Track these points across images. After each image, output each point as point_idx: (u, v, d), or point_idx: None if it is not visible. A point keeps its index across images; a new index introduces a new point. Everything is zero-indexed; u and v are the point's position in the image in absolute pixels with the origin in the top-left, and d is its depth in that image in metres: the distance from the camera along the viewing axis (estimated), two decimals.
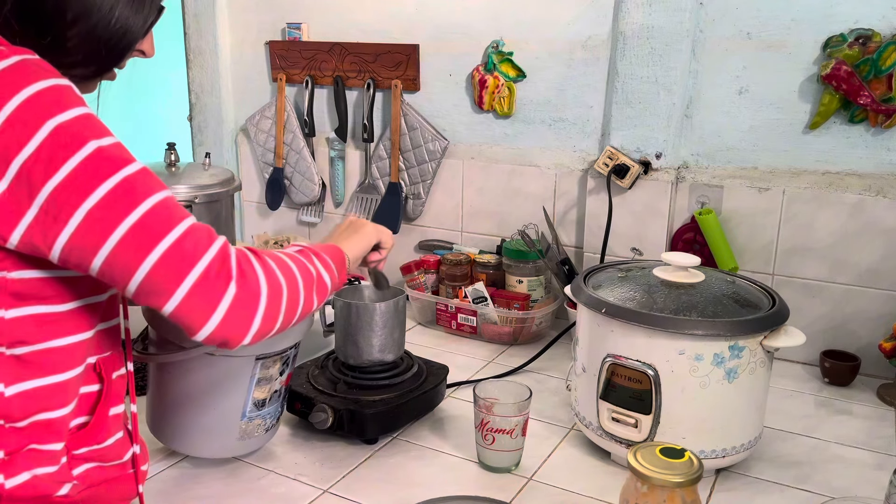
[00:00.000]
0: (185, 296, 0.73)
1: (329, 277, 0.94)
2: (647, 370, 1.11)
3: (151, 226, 0.73)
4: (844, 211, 1.50)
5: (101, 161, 0.71)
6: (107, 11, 0.78)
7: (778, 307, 1.14)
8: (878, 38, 1.42)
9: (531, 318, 1.67)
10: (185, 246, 0.74)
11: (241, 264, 0.78)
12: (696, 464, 0.90)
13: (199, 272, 0.74)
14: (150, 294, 0.73)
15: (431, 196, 1.96)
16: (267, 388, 1.12)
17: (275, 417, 1.17)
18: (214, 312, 0.75)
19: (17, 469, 0.78)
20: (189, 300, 0.73)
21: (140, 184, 0.73)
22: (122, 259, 0.72)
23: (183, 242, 0.74)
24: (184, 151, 1.91)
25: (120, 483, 0.90)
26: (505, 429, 1.14)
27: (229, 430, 1.11)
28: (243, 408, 1.11)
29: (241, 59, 2.20)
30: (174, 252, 0.73)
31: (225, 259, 0.76)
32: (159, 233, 0.73)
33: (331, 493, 1.11)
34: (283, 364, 1.13)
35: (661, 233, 1.66)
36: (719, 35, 1.57)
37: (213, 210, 1.74)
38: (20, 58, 0.72)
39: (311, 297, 0.88)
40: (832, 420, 1.36)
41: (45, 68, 0.73)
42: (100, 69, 0.83)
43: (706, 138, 1.63)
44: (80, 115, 0.72)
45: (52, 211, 0.70)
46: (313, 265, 0.91)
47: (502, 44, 1.79)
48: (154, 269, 0.72)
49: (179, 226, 0.74)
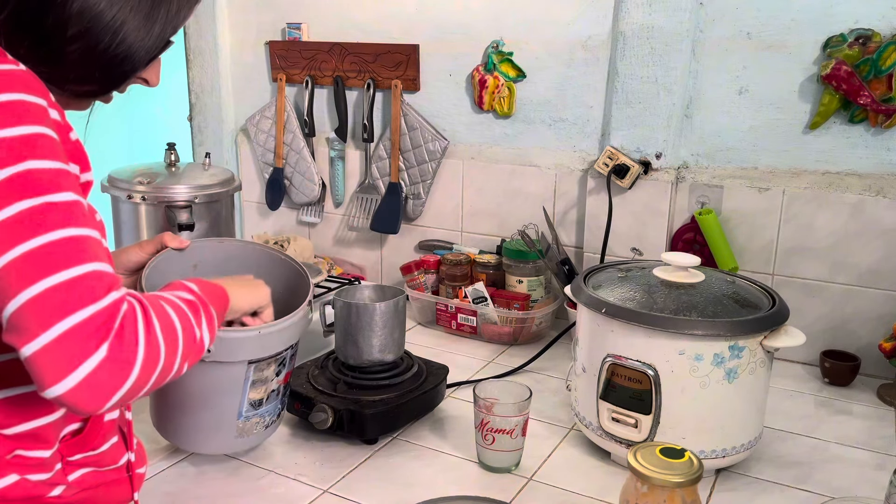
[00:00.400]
0: (49, 343, 0.64)
1: (209, 338, 0.84)
2: (647, 370, 1.11)
3: (46, 258, 0.66)
4: (844, 211, 1.50)
5: (27, 181, 0.67)
6: (110, 35, 0.75)
7: (778, 307, 1.14)
8: (878, 38, 1.42)
9: (531, 318, 1.67)
10: (72, 291, 0.66)
11: (124, 328, 0.68)
12: (696, 464, 0.90)
13: (74, 322, 0.65)
14: (13, 330, 0.65)
15: (431, 196, 1.96)
16: (263, 388, 1.11)
17: (274, 414, 1.17)
18: (75, 370, 0.65)
19: (5, 471, 0.77)
20: (50, 349, 0.64)
21: (56, 213, 0.67)
22: (4, 282, 0.65)
23: (73, 286, 0.66)
24: (184, 151, 1.91)
25: (116, 487, 0.89)
26: (505, 429, 1.14)
27: (227, 428, 1.11)
28: (239, 408, 1.10)
29: (241, 59, 2.20)
30: (56, 293, 0.65)
31: (110, 316, 0.67)
32: (51, 267, 0.66)
33: (331, 493, 1.11)
34: (279, 365, 1.12)
35: (661, 233, 1.66)
36: (719, 35, 1.57)
37: (213, 210, 1.74)
38: (4, 67, 0.69)
39: (183, 365, 0.78)
40: (832, 420, 1.36)
41: (20, 80, 0.70)
42: (95, 90, 0.81)
43: (706, 138, 1.63)
44: (30, 135, 0.68)
45: None
46: (199, 326, 0.81)
47: (502, 44, 1.79)
48: (29, 303, 0.65)
49: (77, 268, 0.67)
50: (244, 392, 1.09)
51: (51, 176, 0.69)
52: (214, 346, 1.01)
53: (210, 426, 1.11)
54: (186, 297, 0.83)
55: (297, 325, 1.10)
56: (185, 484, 1.13)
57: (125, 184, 1.68)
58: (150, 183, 1.67)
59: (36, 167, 0.68)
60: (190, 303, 0.82)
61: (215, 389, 1.08)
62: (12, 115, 0.68)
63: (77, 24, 0.74)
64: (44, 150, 0.69)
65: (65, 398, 0.66)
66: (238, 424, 1.11)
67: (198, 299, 0.84)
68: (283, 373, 1.14)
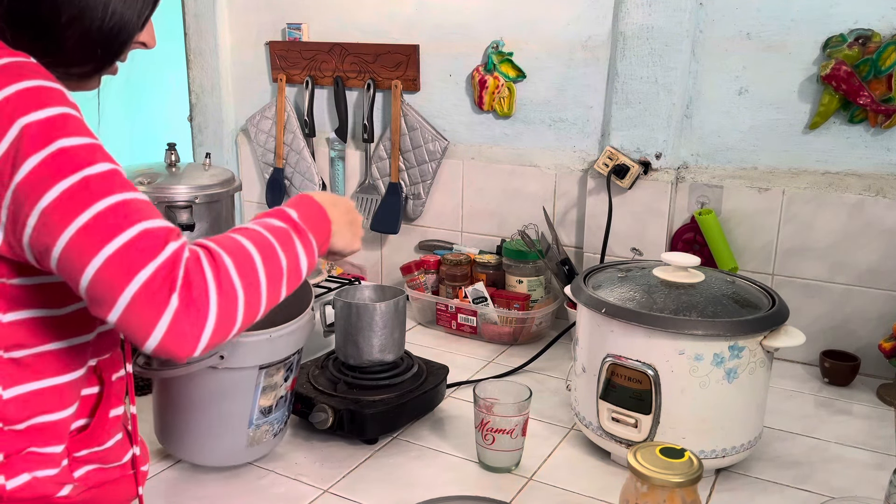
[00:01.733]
0: (128, 305, 0.68)
1: (306, 263, 0.84)
2: (647, 370, 1.11)
3: (100, 227, 0.68)
4: (844, 211, 1.50)
5: (63, 160, 0.69)
6: (101, 10, 0.77)
7: (778, 307, 1.14)
8: (877, 38, 1.42)
9: (531, 318, 1.67)
10: (131, 250, 0.68)
11: (190, 273, 0.71)
12: (696, 464, 0.90)
13: (141, 280, 0.68)
14: (95, 302, 0.69)
15: (431, 196, 1.96)
16: (272, 394, 1.11)
17: (282, 422, 1.17)
18: (157, 324, 0.68)
19: (16, 470, 0.78)
20: (131, 310, 0.68)
21: (98, 184, 0.70)
22: (69, 262, 0.68)
23: (130, 247, 0.68)
24: (184, 151, 1.91)
25: (120, 484, 0.90)
26: (505, 429, 1.14)
27: (237, 438, 1.11)
28: (250, 416, 1.10)
29: (241, 60, 2.20)
30: (118, 257, 0.68)
31: (173, 267, 0.70)
32: (106, 236, 0.68)
33: (331, 493, 1.11)
34: (287, 370, 1.13)
35: (661, 233, 1.66)
36: (719, 35, 1.57)
37: (214, 210, 1.74)
38: (10, 60, 0.72)
39: (276, 292, 0.80)
40: (832, 420, 1.36)
41: (33, 70, 0.72)
42: (99, 66, 0.82)
43: (706, 138, 1.63)
44: (55, 115, 0.70)
45: (15, 210, 0.69)
46: (289, 252, 0.82)
47: (502, 44, 1.79)
48: (95, 277, 0.68)
49: (131, 229, 0.69)
50: (255, 399, 1.09)
51: (84, 151, 0.70)
52: (227, 352, 1.01)
53: (220, 437, 1.10)
54: (276, 224, 0.83)
55: (304, 329, 1.11)
56: (185, 484, 1.13)
57: None
58: (150, 183, 1.67)
59: (68, 145, 0.70)
60: (279, 230, 0.82)
61: (226, 397, 1.08)
62: (36, 99, 0.70)
63: (69, 9, 0.76)
64: (72, 128, 0.71)
65: (159, 350, 0.70)
66: (249, 433, 1.11)
67: (292, 227, 0.84)
68: (291, 378, 1.15)
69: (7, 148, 0.69)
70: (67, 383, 0.81)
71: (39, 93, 0.71)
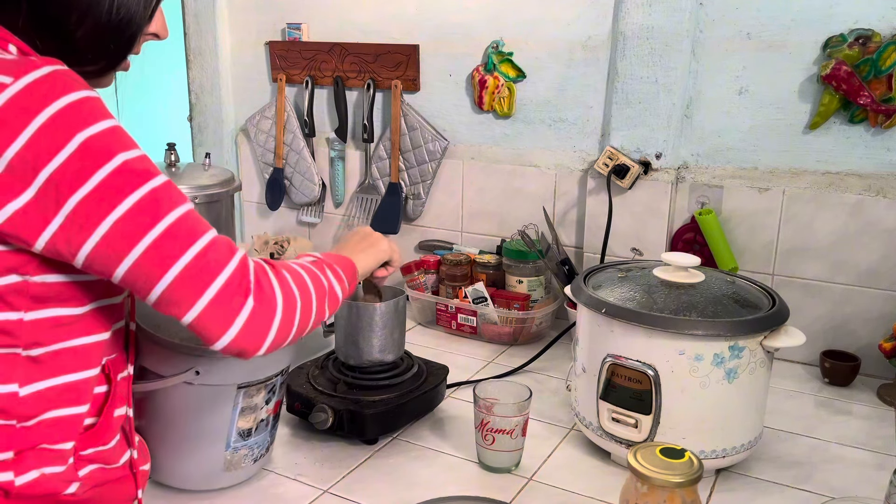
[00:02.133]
0: (205, 307, 0.75)
1: (340, 289, 0.96)
2: (647, 370, 1.11)
3: (175, 238, 0.75)
4: (844, 211, 1.50)
5: (128, 174, 0.73)
6: (108, 3, 0.78)
7: (778, 307, 1.14)
8: (878, 38, 1.42)
9: (531, 318, 1.67)
10: (206, 259, 0.76)
11: (259, 278, 0.80)
12: (696, 464, 0.90)
13: (219, 285, 0.76)
14: (171, 304, 0.75)
15: (431, 196, 1.96)
16: (252, 417, 1.07)
17: (263, 447, 1.12)
18: (233, 324, 0.77)
19: (26, 467, 0.79)
20: (208, 312, 0.76)
21: (165, 197, 0.75)
22: (145, 269, 0.74)
23: (205, 255, 0.76)
24: (184, 151, 1.91)
25: (121, 484, 0.91)
26: (505, 429, 1.14)
27: (214, 460, 1.07)
28: (227, 438, 1.06)
29: (241, 60, 2.20)
30: (196, 265, 0.75)
31: (244, 272, 0.79)
32: (182, 245, 0.75)
33: (331, 494, 1.11)
34: (269, 392, 1.08)
35: (661, 233, 1.66)
36: (719, 35, 1.57)
37: (213, 210, 1.74)
38: (52, 69, 0.73)
39: (322, 308, 0.90)
40: (832, 420, 1.36)
41: (74, 79, 0.74)
42: (112, 62, 0.84)
43: (706, 138, 1.63)
44: (109, 129, 0.73)
45: (79, 220, 0.72)
46: (326, 277, 0.93)
47: (502, 44, 1.79)
48: (176, 281, 0.74)
49: (202, 239, 0.76)
50: (232, 420, 1.05)
51: (143, 163, 0.75)
52: (203, 369, 1.00)
53: (195, 458, 1.07)
54: (309, 260, 0.95)
55: (287, 349, 1.05)
56: None
57: None
58: None
59: (128, 157, 0.74)
60: (314, 261, 0.95)
61: (201, 415, 1.04)
62: (90, 112, 0.73)
63: (77, 7, 0.77)
64: (126, 140, 0.75)
65: (230, 348, 0.78)
66: (225, 456, 1.07)
67: (320, 261, 0.96)
68: (273, 401, 1.10)
69: (66, 160, 0.71)
70: (84, 380, 0.82)
71: (90, 105, 0.73)
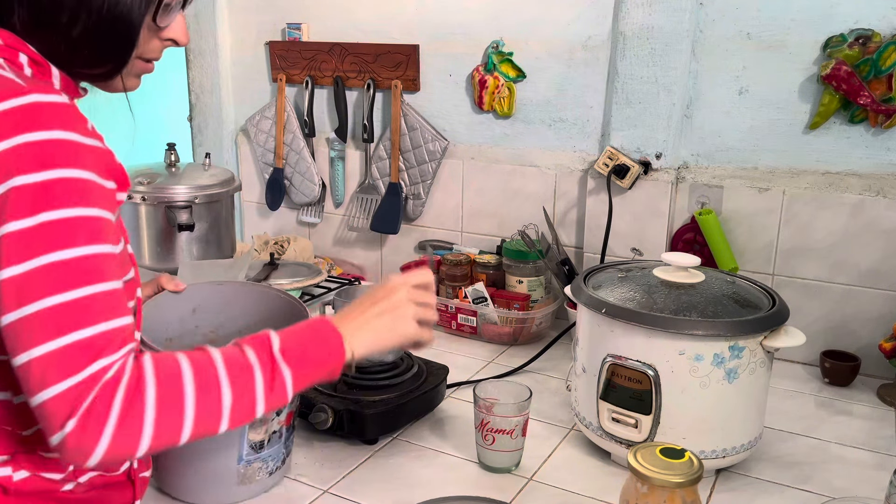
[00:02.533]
0: (40, 405, 0.68)
1: (266, 400, 0.77)
2: (647, 370, 1.11)
3: (45, 321, 0.68)
4: (844, 211, 1.50)
5: (39, 235, 0.68)
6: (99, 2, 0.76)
7: (778, 307, 1.14)
8: (878, 38, 1.42)
9: (531, 318, 1.67)
10: (57, 359, 0.68)
11: (92, 409, 0.68)
12: (696, 464, 0.90)
13: (53, 393, 0.67)
14: (22, 382, 0.69)
15: (431, 196, 1.96)
16: (263, 429, 1.04)
17: (279, 460, 1.09)
18: (54, 434, 0.68)
19: (21, 466, 0.79)
20: (41, 411, 0.68)
21: (64, 271, 0.69)
22: (11, 339, 0.69)
23: (59, 355, 0.68)
24: (184, 152, 1.91)
25: (120, 490, 0.91)
26: (505, 429, 1.14)
27: (227, 474, 1.04)
28: (239, 451, 1.03)
29: (241, 60, 2.20)
30: (48, 360, 0.67)
31: (81, 394, 0.68)
32: (48, 332, 0.68)
33: (331, 494, 1.11)
34: None
35: (661, 233, 1.66)
36: (719, 35, 1.57)
37: (213, 210, 1.74)
38: (34, 99, 0.70)
39: (205, 428, 0.74)
40: (832, 420, 1.36)
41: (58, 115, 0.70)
42: (117, 63, 0.81)
43: (706, 138, 1.63)
44: (51, 180, 0.68)
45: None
46: (238, 388, 0.75)
47: (502, 44, 1.79)
48: (27, 367, 0.68)
49: (68, 336, 0.68)
50: (243, 432, 1.02)
51: (67, 228, 0.69)
52: None
53: (208, 472, 1.04)
54: (241, 358, 0.77)
55: None
56: None
57: None
58: (150, 183, 1.67)
59: (51, 219, 0.68)
60: (239, 366, 0.76)
61: None
62: (37, 157, 0.68)
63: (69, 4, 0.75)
64: (64, 198, 0.69)
65: (56, 450, 0.69)
66: (239, 470, 1.05)
67: (262, 361, 0.77)
68: (285, 413, 1.07)
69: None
70: None
71: (45, 149, 0.69)
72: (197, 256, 1.71)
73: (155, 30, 0.83)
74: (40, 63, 0.78)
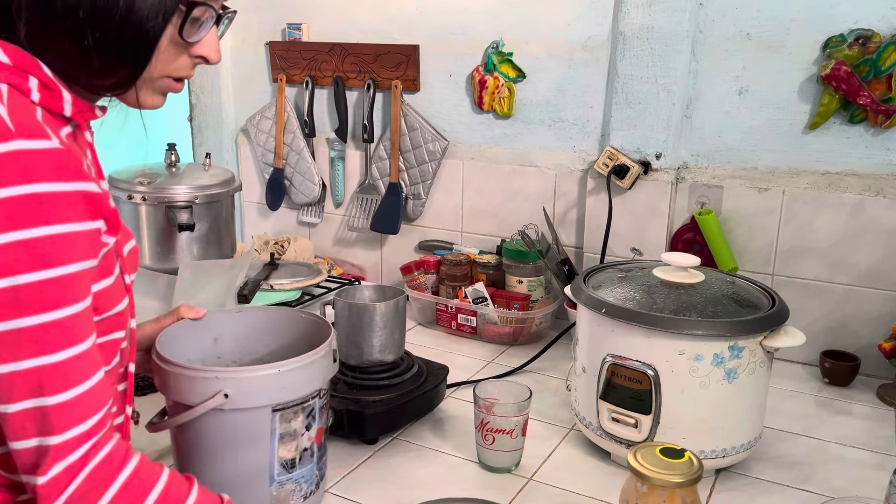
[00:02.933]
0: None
1: None
2: (647, 370, 1.11)
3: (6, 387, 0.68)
4: (844, 211, 1.50)
5: (8, 299, 0.67)
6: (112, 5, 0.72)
7: (778, 307, 1.14)
8: (877, 38, 1.42)
9: (531, 318, 1.67)
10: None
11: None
12: (696, 464, 0.90)
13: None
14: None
15: (431, 196, 1.96)
16: (293, 445, 0.99)
17: (312, 483, 1.03)
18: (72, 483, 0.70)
19: None
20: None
21: (30, 340, 0.68)
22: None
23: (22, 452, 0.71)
24: (184, 152, 1.91)
25: None
26: (505, 429, 1.14)
27: (259, 498, 0.98)
28: (270, 471, 0.98)
29: (241, 60, 2.20)
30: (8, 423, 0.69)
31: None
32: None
33: (331, 494, 1.11)
34: (308, 416, 0.99)
35: (661, 233, 1.66)
36: (719, 35, 1.57)
37: (214, 210, 1.74)
38: (18, 147, 0.67)
39: None
40: (832, 420, 1.36)
41: (37, 164, 0.67)
42: (131, 73, 0.77)
43: (706, 138, 1.63)
44: (36, 239, 0.67)
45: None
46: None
47: (502, 44, 1.79)
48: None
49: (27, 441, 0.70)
50: (273, 449, 0.97)
51: (41, 292, 0.68)
52: (232, 391, 0.92)
53: (240, 495, 0.95)
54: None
55: (320, 366, 0.99)
56: None
57: (125, 184, 1.68)
58: (150, 183, 1.67)
59: (23, 282, 0.67)
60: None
61: (240, 445, 0.96)
62: (14, 215, 0.66)
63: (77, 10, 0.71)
64: (39, 261, 0.67)
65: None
66: (271, 492, 0.98)
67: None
68: (315, 428, 1.01)
69: None
70: None
71: (19, 205, 0.66)
72: (197, 256, 1.71)
73: (183, 45, 0.80)
74: (51, 87, 0.74)
